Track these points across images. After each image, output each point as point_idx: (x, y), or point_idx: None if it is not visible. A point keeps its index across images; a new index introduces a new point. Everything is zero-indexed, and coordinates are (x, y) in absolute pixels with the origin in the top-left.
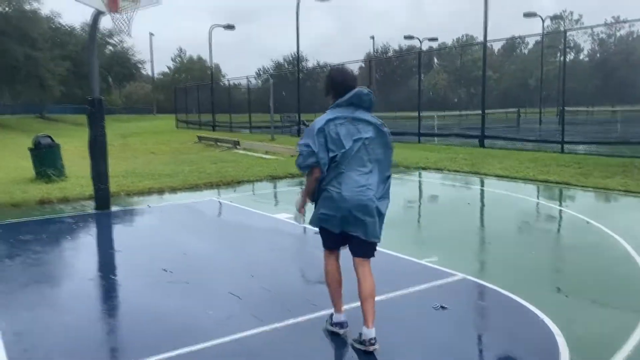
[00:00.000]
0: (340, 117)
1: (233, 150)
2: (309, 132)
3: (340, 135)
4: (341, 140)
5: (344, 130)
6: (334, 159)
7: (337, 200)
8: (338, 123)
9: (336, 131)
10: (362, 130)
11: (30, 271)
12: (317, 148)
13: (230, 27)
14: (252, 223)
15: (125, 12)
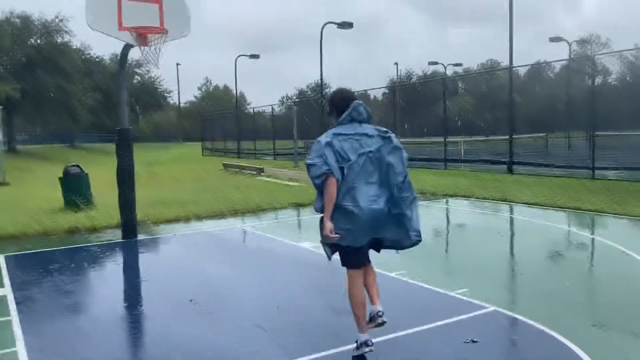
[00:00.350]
0: (344, 134)
1: (257, 177)
2: (317, 147)
3: (345, 150)
4: (347, 154)
5: (347, 145)
6: (342, 171)
7: (356, 214)
8: (342, 139)
9: (341, 146)
10: (364, 144)
11: (58, 300)
12: (327, 158)
13: (255, 56)
14: (277, 251)
15: (153, 45)
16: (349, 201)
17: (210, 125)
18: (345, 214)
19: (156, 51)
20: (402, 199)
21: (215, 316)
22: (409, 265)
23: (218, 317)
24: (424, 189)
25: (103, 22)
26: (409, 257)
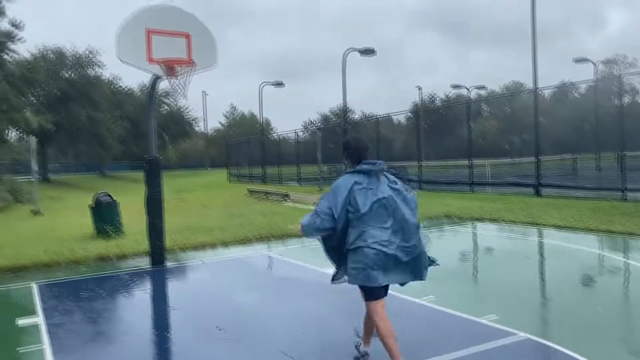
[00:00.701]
0: (358, 183)
1: (283, 202)
2: (336, 191)
3: (357, 201)
4: (358, 205)
5: (361, 196)
6: (354, 218)
7: (365, 252)
8: (357, 189)
9: (354, 196)
10: (378, 192)
11: (89, 328)
12: (337, 213)
13: (279, 84)
14: (303, 278)
15: (181, 77)
16: (361, 242)
17: (235, 151)
18: (357, 253)
19: (184, 82)
20: (420, 250)
21: (243, 344)
22: (437, 290)
23: (245, 345)
24: (450, 212)
25: (133, 55)
26: (436, 282)
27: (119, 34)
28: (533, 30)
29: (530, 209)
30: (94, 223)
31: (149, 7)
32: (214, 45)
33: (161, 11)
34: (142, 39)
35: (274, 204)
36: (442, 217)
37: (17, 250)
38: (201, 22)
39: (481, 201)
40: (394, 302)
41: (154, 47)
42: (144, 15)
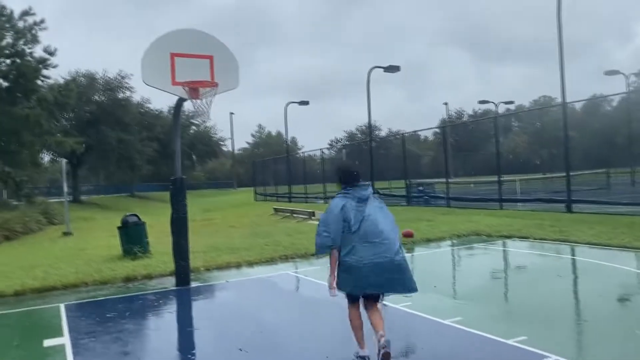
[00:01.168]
0: (351, 205)
1: (308, 221)
2: (331, 214)
3: (351, 218)
4: (351, 222)
5: (352, 214)
6: (347, 233)
7: (355, 267)
8: (349, 209)
9: (348, 215)
10: (363, 212)
11: (113, 349)
12: (334, 233)
13: (304, 103)
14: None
15: (205, 98)
16: (350, 257)
17: (261, 170)
18: (346, 266)
19: (207, 103)
20: (400, 260)
21: None
22: (464, 311)
23: None
24: (479, 230)
25: (157, 78)
26: (464, 302)
27: (143, 58)
28: (560, 42)
29: (562, 226)
30: (122, 244)
31: (173, 32)
32: (237, 66)
33: (185, 35)
34: (167, 63)
35: (299, 223)
36: (470, 235)
37: (47, 271)
38: (223, 44)
39: (511, 218)
40: (420, 323)
41: (178, 69)
42: (168, 39)
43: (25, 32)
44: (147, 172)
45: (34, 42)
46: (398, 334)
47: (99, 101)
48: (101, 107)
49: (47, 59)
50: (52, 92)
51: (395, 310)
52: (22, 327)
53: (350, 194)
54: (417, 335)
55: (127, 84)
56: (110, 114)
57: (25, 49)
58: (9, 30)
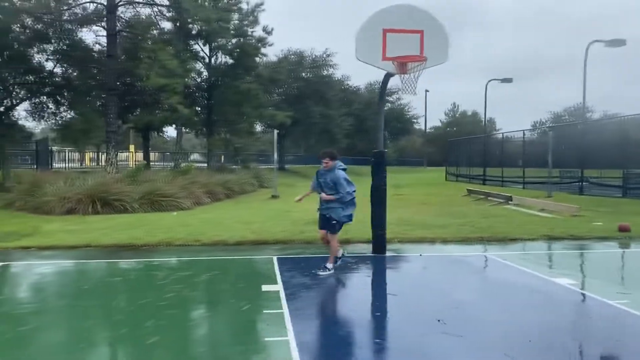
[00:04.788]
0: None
1: (504, 205)
2: (347, 177)
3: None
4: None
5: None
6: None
7: (354, 204)
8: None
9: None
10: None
11: (318, 300)
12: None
13: (507, 80)
14: (527, 284)
15: (412, 73)
16: (353, 201)
17: (455, 150)
18: (353, 204)
19: (414, 78)
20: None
21: (464, 340)
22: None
23: (466, 341)
24: None
25: (369, 54)
26: (633, 284)
27: (358, 34)
28: None
29: None
30: None
31: (386, 8)
32: (447, 40)
33: (397, 10)
34: (378, 39)
35: (494, 207)
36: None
37: (260, 227)
38: (435, 18)
39: None
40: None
41: (389, 45)
42: (381, 16)
43: (248, 14)
44: (344, 146)
45: (255, 23)
46: (600, 331)
47: (306, 78)
48: (307, 83)
49: (265, 37)
50: (267, 69)
51: (608, 307)
52: (243, 272)
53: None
54: (583, 315)
55: (332, 62)
56: (315, 90)
57: (247, 30)
58: (235, 12)
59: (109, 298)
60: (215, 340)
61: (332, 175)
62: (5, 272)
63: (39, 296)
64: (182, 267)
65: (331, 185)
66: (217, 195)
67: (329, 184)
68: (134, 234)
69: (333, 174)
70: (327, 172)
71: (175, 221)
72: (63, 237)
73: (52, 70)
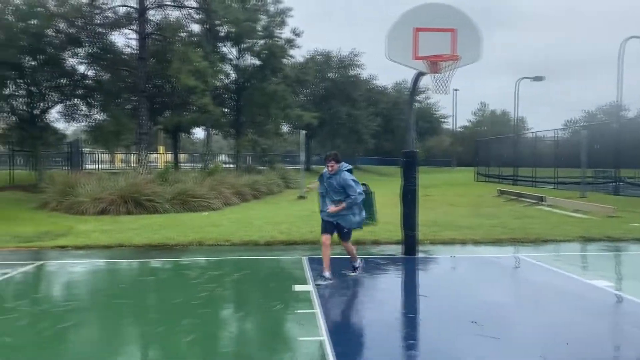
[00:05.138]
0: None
1: (537, 206)
2: (355, 179)
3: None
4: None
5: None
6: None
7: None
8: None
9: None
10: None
11: (350, 300)
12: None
13: (539, 78)
14: (563, 287)
15: (444, 72)
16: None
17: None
18: (362, 208)
19: (446, 78)
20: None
21: (499, 342)
22: None
23: (501, 343)
24: None
25: (400, 53)
26: None
27: (389, 34)
28: None
29: None
30: None
31: (417, 7)
32: (479, 39)
33: (429, 9)
34: (409, 37)
35: (526, 207)
36: None
37: (289, 227)
38: (468, 16)
39: None
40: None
41: (420, 44)
42: (412, 15)
43: (276, 17)
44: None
45: (282, 25)
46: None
47: (332, 78)
48: (334, 83)
49: (293, 39)
50: (294, 70)
51: None
52: (274, 272)
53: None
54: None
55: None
56: (342, 90)
57: (275, 31)
58: (263, 14)
59: (144, 297)
60: (249, 339)
61: (339, 178)
62: (43, 271)
63: (76, 294)
64: (213, 267)
65: (338, 189)
66: (245, 195)
67: (336, 188)
68: (166, 233)
69: (339, 176)
70: (332, 176)
71: (206, 221)
72: (97, 237)
73: (84, 73)
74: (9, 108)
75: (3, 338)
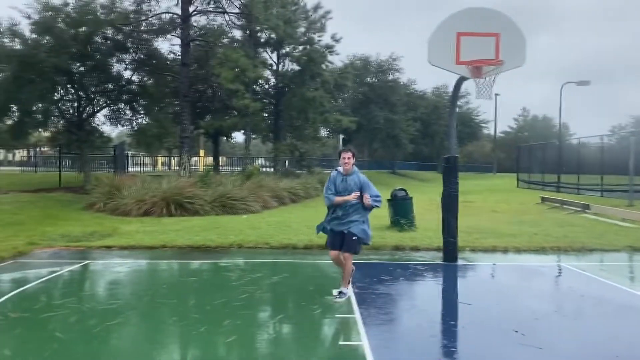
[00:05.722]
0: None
1: (581, 214)
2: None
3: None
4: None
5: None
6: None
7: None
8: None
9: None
10: None
11: (391, 305)
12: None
13: (584, 83)
14: (610, 297)
15: (487, 77)
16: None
17: (526, 156)
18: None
19: (490, 82)
20: None
21: (543, 353)
22: None
23: (546, 354)
24: None
25: (442, 58)
26: None
27: (430, 39)
28: None
29: None
30: (390, 215)
31: (460, 11)
32: (524, 43)
33: (472, 13)
34: (451, 42)
35: (570, 215)
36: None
37: None
38: (512, 20)
39: None
40: None
41: (463, 48)
42: (455, 19)
43: (316, 22)
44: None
45: (322, 31)
46: None
47: (370, 83)
48: (372, 88)
49: (332, 45)
50: (332, 75)
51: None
52: (313, 275)
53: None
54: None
55: (397, 66)
56: (380, 94)
57: (315, 37)
58: (303, 20)
59: (186, 297)
60: (290, 342)
61: (357, 177)
62: (90, 270)
63: (121, 293)
64: (254, 269)
65: (355, 192)
66: (283, 199)
67: (353, 189)
68: (208, 235)
69: (357, 176)
70: (348, 176)
71: (246, 224)
72: (141, 238)
73: (129, 78)
74: (58, 112)
75: (54, 333)
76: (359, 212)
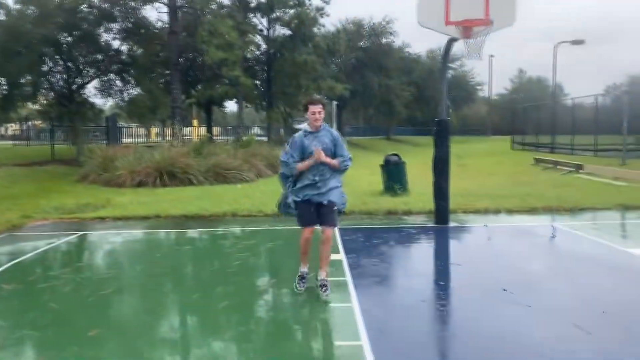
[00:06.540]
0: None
1: (575, 174)
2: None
3: None
4: None
5: None
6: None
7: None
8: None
9: None
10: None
11: (381, 268)
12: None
13: (578, 42)
14: (600, 255)
15: (477, 37)
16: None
17: (521, 118)
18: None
19: (479, 43)
20: None
21: (531, 309)
22: None
23: (533, 311)
24: None
25: (431, 19)
26: None
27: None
28: None
29: None
30: (383, 180)
31: None
32: (514, 1)
33: None
34: (441, 2)
35: (563, 175)
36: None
37: None
38: None
39: None
40: None
41: (452, 9)
42: None
43: None
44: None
45: None
46: None
47: (364, 47)
48: (366, 53)
49: (322, 7)
50: (325, 39)
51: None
52: None
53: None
54: None
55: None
56: (374, 59)
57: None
58: None
59: (180, 265)
60: (281, 305)
61: (329, 133)
62: (84, 241)
63: (116, 263)
64: (247, 237)
65: (329, 150)
66: (278, 167)
67: (330, 148)
68: (201, 205)
69: (328, 131)
70: (318, 133)
71: (239, 193)
72: (135, 209)
73: (118, 48)
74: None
75: (50, 304)
76: (335, 176)
